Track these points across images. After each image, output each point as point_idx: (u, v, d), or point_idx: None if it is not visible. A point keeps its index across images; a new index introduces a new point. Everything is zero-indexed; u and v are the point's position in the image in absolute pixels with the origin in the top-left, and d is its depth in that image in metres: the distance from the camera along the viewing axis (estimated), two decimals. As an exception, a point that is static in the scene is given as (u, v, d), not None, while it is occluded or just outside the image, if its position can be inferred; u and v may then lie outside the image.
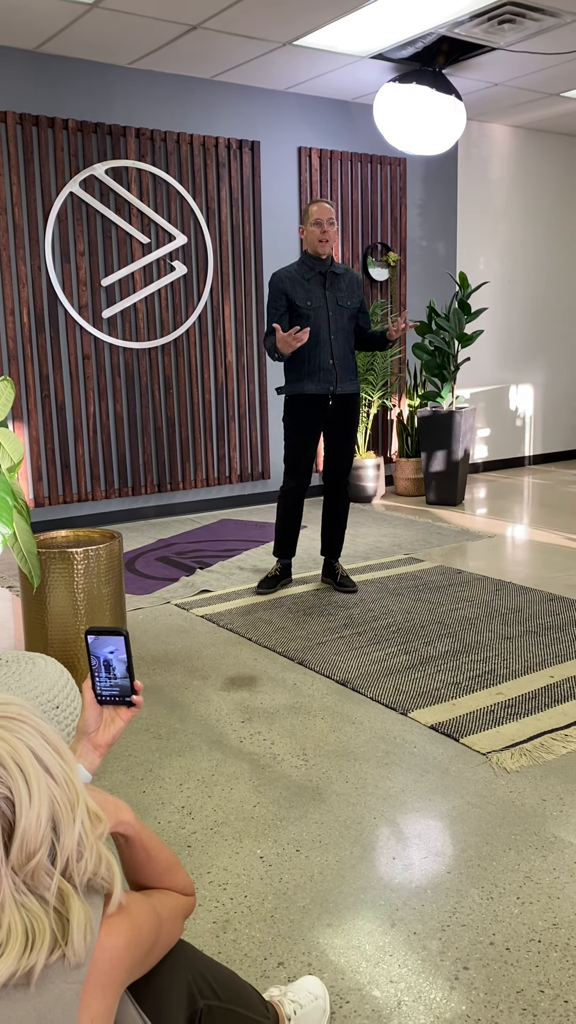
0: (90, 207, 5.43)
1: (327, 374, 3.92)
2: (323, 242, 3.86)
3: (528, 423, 7.88)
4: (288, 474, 4.09)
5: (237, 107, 5.90)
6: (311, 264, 3.93)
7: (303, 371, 3.93)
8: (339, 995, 1.62)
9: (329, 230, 3.87)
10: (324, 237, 3.86)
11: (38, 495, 5.51)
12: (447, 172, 6.96)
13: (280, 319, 3.89)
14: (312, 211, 3.88)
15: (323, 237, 3.86)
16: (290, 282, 3.91)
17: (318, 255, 3.90)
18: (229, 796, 2.34)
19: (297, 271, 3.93)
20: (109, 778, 2.46)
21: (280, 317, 3.89)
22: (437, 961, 1.70)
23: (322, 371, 3.92)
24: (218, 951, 1.75)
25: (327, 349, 3.91)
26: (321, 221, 3.86)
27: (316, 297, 3.90)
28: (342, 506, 4.19)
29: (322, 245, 3.87)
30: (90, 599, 3.08)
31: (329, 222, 3.87)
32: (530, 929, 1.78)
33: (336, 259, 5.69)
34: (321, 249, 3.88)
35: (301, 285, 3.91)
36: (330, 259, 3.95)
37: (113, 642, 1.27)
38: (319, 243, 3.86)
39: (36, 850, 0.89)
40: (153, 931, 1.05)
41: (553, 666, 3.16)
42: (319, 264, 3.92)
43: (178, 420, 5.96)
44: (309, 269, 3.92)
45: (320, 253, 3.89)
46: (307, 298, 3.89)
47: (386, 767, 2.48)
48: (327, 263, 3.93)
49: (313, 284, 3.91)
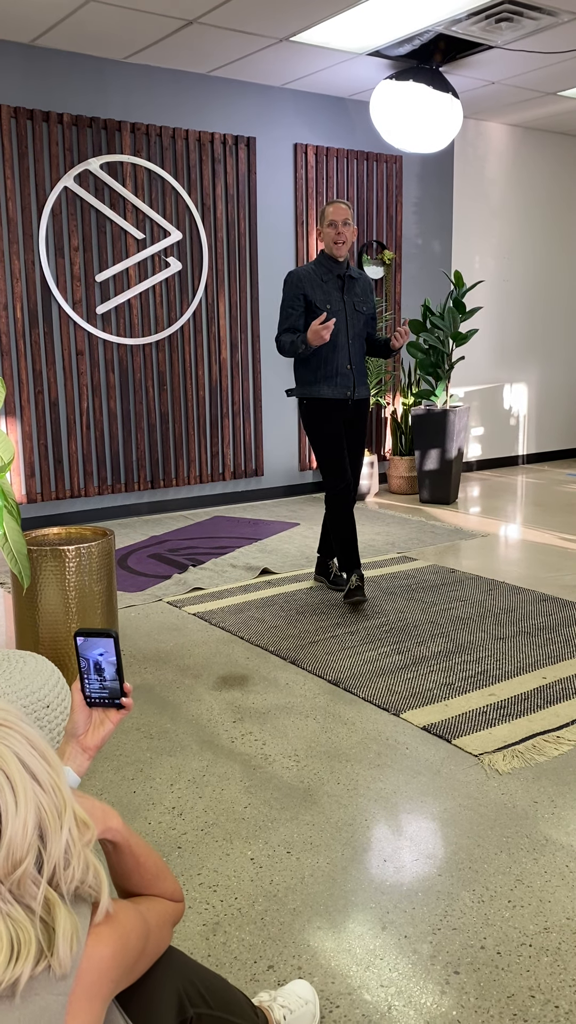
0: (84, 202, 5.40)
1: (345, 379, 3.85)
2: (338, 244, 3.78)
3: (522, 422, 7.88)
4: (330, 475, 3.92)
5: (233, 103, 5.87)
6: (328, 266, 3.85)
7: (319, 374, 3.84)
8: (329, 999, 1.61)
9: (344, 231, 3.79)
10: (339, 239, 3.78)
11: (30, 491, 5.48)
12: (443, 170, 6.95)
13: (298, 319, 3.80)
14: (328, 212, 3.79)
15: (338, 239, 3.78)
16: (309, 282, 3.81)
17: (335, 257, 3.83)
18: (220, 797, 2.33)
19: (315, 272, 3.84)
20: (99, 778, 2.44)
21: (298, 317, 3.80)
22: (428, 965, 1.70)
23: (340, 375, 3.85)
24: (208, 954, 1.74)
25: (345, 354, 3.84)
26: (336, 222, 3.77)
27: (335, 300, 3.83)
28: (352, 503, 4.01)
29: (338, 247, 3.79)
30: (82, 597, 3.06)
31: (344, 223, 3.78)
32: (521, 933, 1.78)
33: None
34: (337, 251, 3.80)
35: (320, 287, 3.82)
36: (347, 262, 3.88)
37: (103, 644, 1.25)
38: (334, 245, 3.79)
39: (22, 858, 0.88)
40: (141, 939, 1.04)
41: (546, 667, 3.16)
42: (336, 267, 3.85)
43: (172, 416, 5.94)
44: (327, 271, 3.84)
45: (336, 255, 3.82)
46: (327, 300, 3.81)
47: (378, 768, 2.47)
48: (344, 266, 3.86)
49: (331, 287, 3.83)
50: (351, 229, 3.82)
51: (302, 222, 6.27)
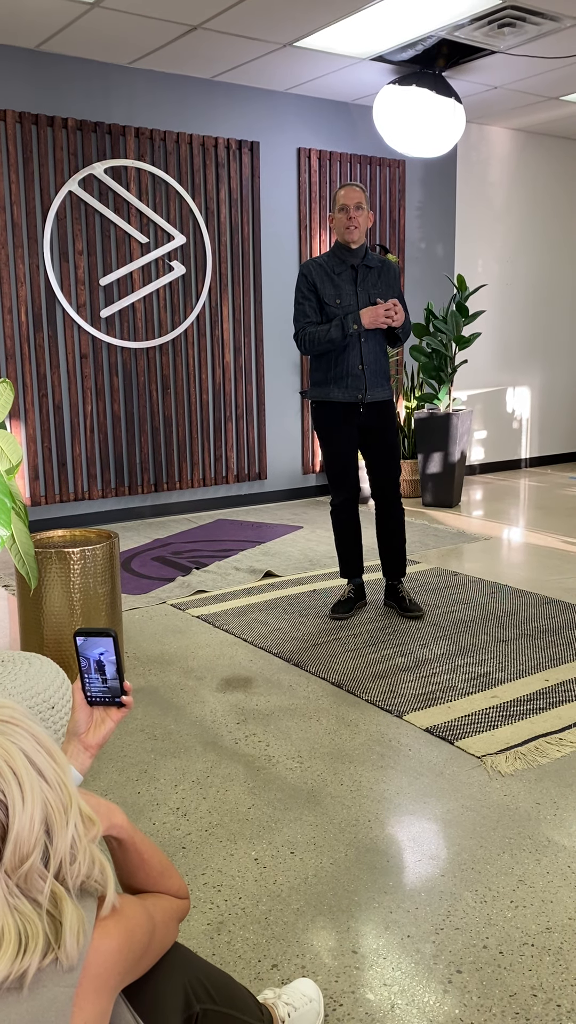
0: (89, 206, 5.43)
1: (356, 380, 3.59)
2: (349, 228, 3.52)
3: (525, 425, 7.89)
4: (332, 488, 3.77)
5: (237, 108, 5.90)
6: (341, 256, 3.59)
7: (329, 375, 3.62)
8: (333, 998, 1.62)
9: (356, 215, 3.51)
10: (350, 223, 3.51)
11: (35, 494, 5.50)
12: (446, 174, 6.97)
13: (315, 312, 3.59)
14: (339, 196, 3.54)
15: (349, 224, 3.51)
16: (319, 275, 3.59)
17: (347, 244, 3.57)
18: (224, 798, 2.34)
19: (327, 263, 3.61)
20: (104, 778, 2.45)
21: (314, 310, 3.59)
22: (431, 964, 1.70)
23: (350, 377, 3.59)
24: (212, 953, 1.75)
25: (356, 353, 3.59)
26: (347, 207, 3.51)
27: (346, 295, 3.57)
28: (395, 520, 3.81)
29: (349, 232, 3.53)
30: (86, 599, 3.08)
31: (356, 207, 3.51)
32: (523, 933, 1.79)
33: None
34: (348, 236, 3.54)
35: (330, 279, 3.58)
36: (363, 250, 3.60)
37: (102, 643, 1.26)
38: (345, 230, 3.53)
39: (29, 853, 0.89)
40: (147, 934, 1.05)
41: (548, 669, 3.16)
42: (350, 256, 3.58)
43: (175, 420, 5.96)
44: (340, 262, 3.59)
45: (348, 241, 3.55)
46: (336, 295, 3.57)
47: (381, 770, 2.48)
48: (359, 254, 3.59)
49: (343, 280, 3.58)
50: (364, 213, 3.54)
51: (305, 226, 6.30)
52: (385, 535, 3.85)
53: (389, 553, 3.86)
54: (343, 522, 3.82)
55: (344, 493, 3.77)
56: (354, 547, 3.85)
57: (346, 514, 3.80)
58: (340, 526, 3.83)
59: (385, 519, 3.82)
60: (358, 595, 3.89)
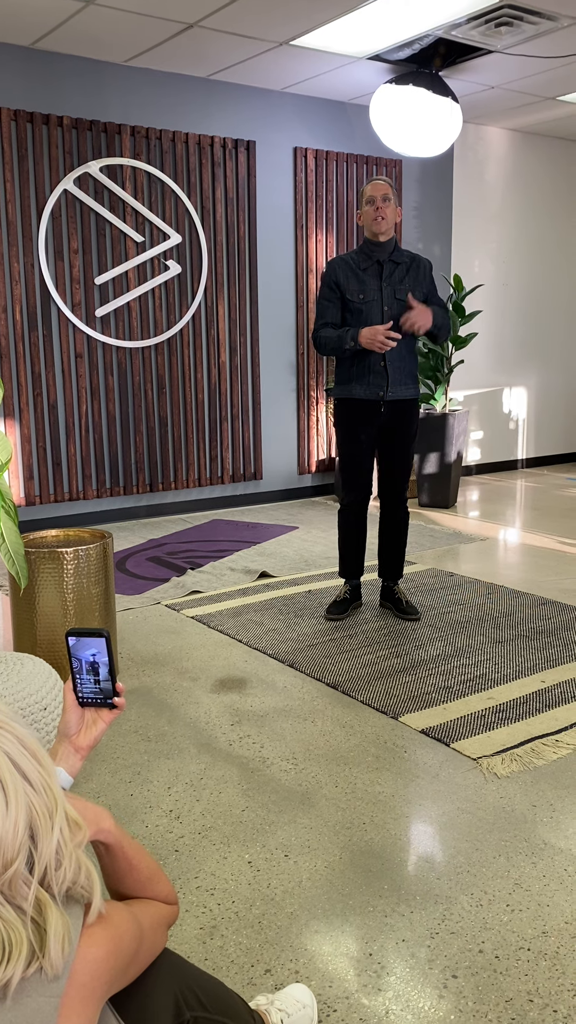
0: (84, 205, 5.40)
1: (377, 378, 3.54)
2: (377, 220, 3.48)
3: (521, 426, 7.88)
4: (344, 488, 3.73)
5: (233, 106, 5.88)
6: (369, 251, 3.55)
7: (351, 373, 3.58)
8: (327, 1003, 1.60)
9: (384, 208, 3.48)
10: (377, 214, 3.48)
11: (29, 494, 5.48)
12: (443, 174, 6.95)
13: (335, 313, 3.57)
14: (366, 191, 3.52)
15: (376, 215, 3.48)
16: (343, 272, 3.55)
17: (376, 237, 3.52)
18: (218, 800, 2.32)
19: (354, 259, 3.57)
20: (96, 780, 2.43)
21: (335, 311, 3.57)
22: (426, 969, 1.68)
23: (372, 374, 3.54)
24: (205, 957, 1.72)
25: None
26: (375, 198, 3.48)
27: (370, 290, 3.52)
28: (399, 522, 3.80)
29: (377, 223, 3.48)
30: (80, 599, 3.05)
31: (384, 198, 3.48)
32: (519, 937, 1.77)
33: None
34: (377, 228, 3.49)
35: (355, 275, 3.54)
36: (392, 244, 3.56)
37: (94, 644, 1.24)
38: (373, 222, 3.48)
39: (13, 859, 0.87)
40: (135, 941, 1.03)
41: (544, 671, 3.14)
42: (377, 251, 3.54)
43: (171, 420, 5.93)
44: (366, 257, 3.55)
45: (377, 233, 3.50)
46: (360, 291, 3.52)
47: (376, 772, 2.46)
48: (387, 249, 3.54)
49: (369, 275, 3.54)
50: (391, 206, 3.50)
51: (301, 226, 6.28)
52: (387, 535, 3.84)
53: (389, 554, 3.85)
54: (350, 524, 3.79)
55: (355, 495, 3.73)
56: (357, 549, 3.82)
57: (354, 516, 3.77)
58: (346, 527, 3.80)
59: (390, 519, 3.81)
60: (354, 596, 3.87)
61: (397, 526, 3.81)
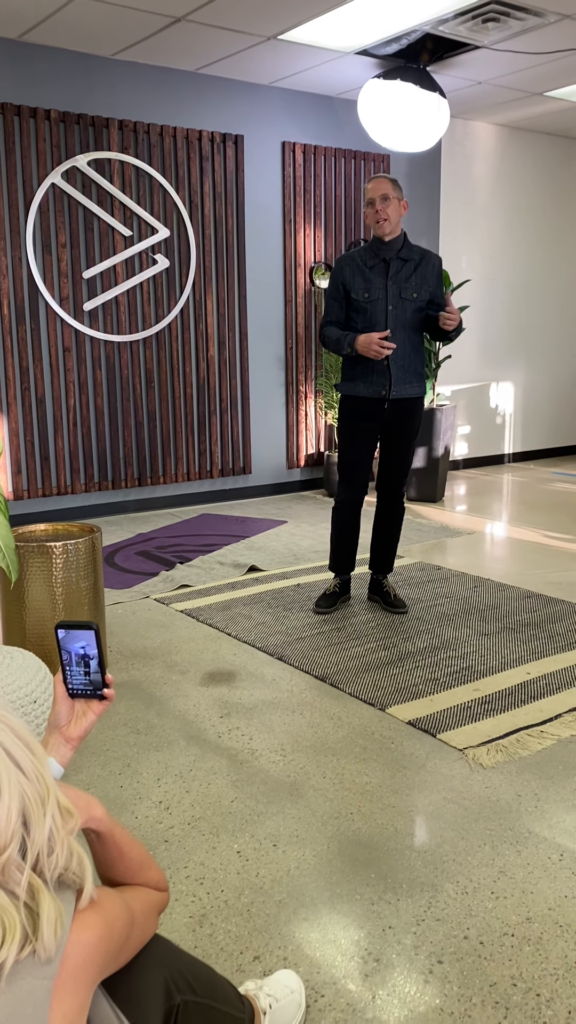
0: (72, 199, 5.39)
1: (380, 376, 3.52)
2: (379, 223, 3.46)
3: (508, 421, 7.92)
4: (341, 483, 3.74)
5: (221, 101, 5.87)
6: (375, 249, 3.52)
7: (356, 370, 3.57)
8: (314, 989, 1.63)
9: (384, 208, 3.44)
10: (378, 216, 3.45)
11: (17, 488, 5.47)
12: (430, 169, 6.97)
13: (340, 312, 3.57)
14: (367, 190, 3.49)
15: (377, 217, 3.46)
16: (350, 269, 3.53)
17: (380, 238, 3.50)
18: (207, 791, 2.34)
19: (362, 257, 3.54)
20: (86, 772, 2.45)
21: (339, 310, 3.57)
22: (412, 955, 1.71)
23: (375, 372, 3.53)
24: (194, 945, 1.75)
25: None
26: (374, 199, 3.45)
27: (375, 288, 3.50)
28: (394, 517, 3.81)
29: (379, 226, 3.47)
30: (68, 593, 3.06)
31: (383, 198, 3.43)
32: (504, 923, 1.80)
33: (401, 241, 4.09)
34: (380, 230, 3.47)
35: (361, 274, 3.51)
36: (399, 241, 3.52)
37: (84, 636, 1.26)
38: (375, 224, 3.48)
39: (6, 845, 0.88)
40: (126, 926, 1.05)
41: (530, 662, 3.18)
42: (383, 249, 3.50)
43: (159, 414, 5.94)
44: (373, 255, 3.52)
45: (381, 235, 3.49)
46: (365, 289, 3.50)
47: (363, 762, 2.48)
48: (394, 247, 3.50)
49: (375, 273, 3.50)
50: (393, 205, 3.46)
51: (290, 220, 6.28)
52: (381, 529, 3.86)
53: (381, 548, 3.87)
54: (343, 520, 3.80)
55: (351, 492, 3.74)
56: (348, 545, 3.83)
57: (348, 513, 3.78)
58: (339, 523, 3.81)
59: (385, 514, 3.83)
60: (343, 589, 3.90)
61: (392, 521, 3.82)
